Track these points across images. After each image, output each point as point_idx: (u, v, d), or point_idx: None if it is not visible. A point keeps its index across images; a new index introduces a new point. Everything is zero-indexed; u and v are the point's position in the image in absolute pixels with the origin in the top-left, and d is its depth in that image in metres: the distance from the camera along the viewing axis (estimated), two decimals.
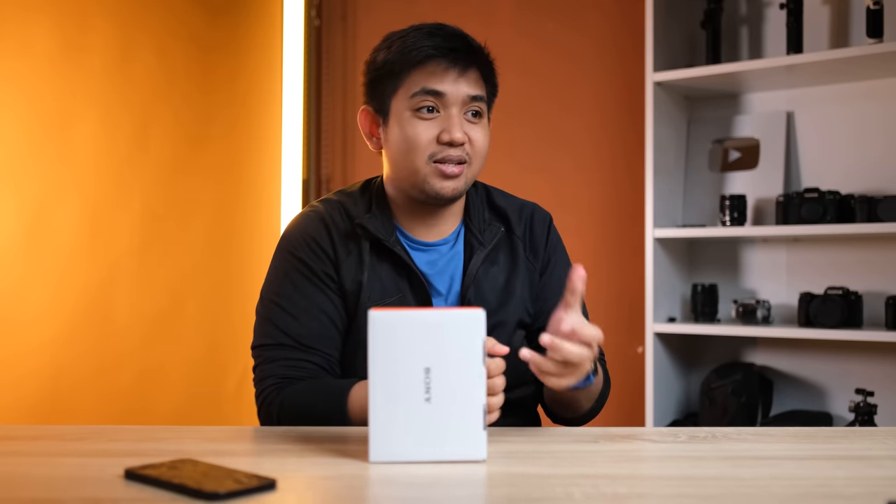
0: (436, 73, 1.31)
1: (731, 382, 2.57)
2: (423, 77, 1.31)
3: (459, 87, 1.31)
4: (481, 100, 1.34)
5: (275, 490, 0.85)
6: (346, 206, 1.38)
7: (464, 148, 1.31)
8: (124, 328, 2.63)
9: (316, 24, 3.42)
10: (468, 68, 1.32)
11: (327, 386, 1.27)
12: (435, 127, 1.31)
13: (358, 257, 1.34)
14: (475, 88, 1.33)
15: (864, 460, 1.00)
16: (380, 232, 1.34)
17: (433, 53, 1.31)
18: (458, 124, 1.30)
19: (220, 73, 2.99)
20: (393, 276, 1.34)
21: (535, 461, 0.99)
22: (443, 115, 1.31)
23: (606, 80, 3.00)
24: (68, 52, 2.47)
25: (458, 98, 1.31)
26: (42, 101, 2.41)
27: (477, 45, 1.36)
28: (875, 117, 2.58)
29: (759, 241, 2.75)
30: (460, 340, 0.96)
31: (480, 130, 1.34)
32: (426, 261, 1.38)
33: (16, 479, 0.91)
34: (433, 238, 1.39)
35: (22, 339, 2.35)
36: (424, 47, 1.31)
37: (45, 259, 2.41)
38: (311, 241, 1.35)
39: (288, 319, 1.32)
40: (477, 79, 1.34)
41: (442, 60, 1.31)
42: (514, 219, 1.44)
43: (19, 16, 2.35)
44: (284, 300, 1.33)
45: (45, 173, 2.42)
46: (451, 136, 1.30)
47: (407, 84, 1.32)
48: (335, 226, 1.36)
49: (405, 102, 1.32)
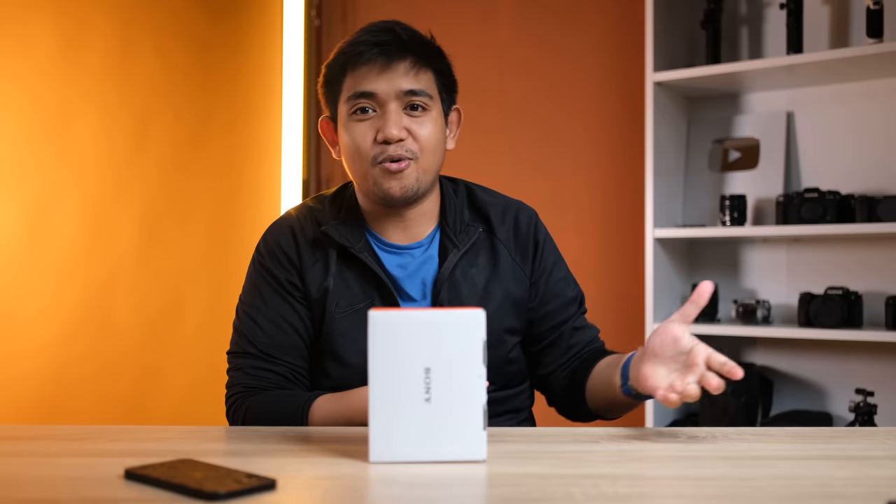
0: (364, 73, 1.29)
1: (731, 382, 2.56)
2: (354, 80, 1.30)
3: (390, 82, 1.29)
4: (421, 93, 1.30)
5: (275, 490, 0.85)
6: (315, 213, 1.38)
7: (403, 144, 1.28)
8: (124, 328, 2.63)
9: (316, 24, 3.42)
10: (395, 60, 1.29)
11: (288, 398, 1.28)
12: (373, 127, 1.30)
13: (324, 264, 1.34)
14: (409, 82, 1.29)
15: (864, 460, 1.00)
16: (345, 239, 1.33)
17: (362, 50, 1.29)
18: (392, 121, 1.28)
19: (219, 72, 2.99)
20: (361, 282, 1.33)
21: (535, 461, 0.98)
22: (379, 113, 1.30)
23: (606, 80, 3.00)
24: (68, 52, 2.47)
25: (390, 93, 1.29)
26: (42, 100, 2.41)
27: (410, 34, 1.32)
28: (875, 117, 2.58)
29: (759, 241, 2.75)
30: (460, 340, 0.96)
31: (425, 123, 1.31)
32: (398, 264, 1.36)
33: (16, 479, 0.91)
34: (407, 241, 1.37)
35: (22, 339, 2.35)
36: (354, 44, 1.31)
37: (45, 259, 2.41)
38: (277, 250, 1.36)
39: (254, 329, 1.34)
40: (410, 69, 1.30)
41: (368, 56, 1.29)
42: (497, 220, 1.40)
43: (19, 16, 2.35)
44: (252, 309, 1.35)
45: (45, 173, 2.42)
46: (384, 133, 1.28)
47: (344, 88, 1.32)
48: (303, 233, 1.36)
49: (345, 107, 1.32)
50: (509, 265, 1.38)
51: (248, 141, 3.11)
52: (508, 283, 1.37)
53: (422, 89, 1.30)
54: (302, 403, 1.25)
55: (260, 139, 3.17)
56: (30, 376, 2.36)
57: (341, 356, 1.31)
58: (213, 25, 2.97)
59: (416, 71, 1.31)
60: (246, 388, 1.32)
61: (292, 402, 1.26)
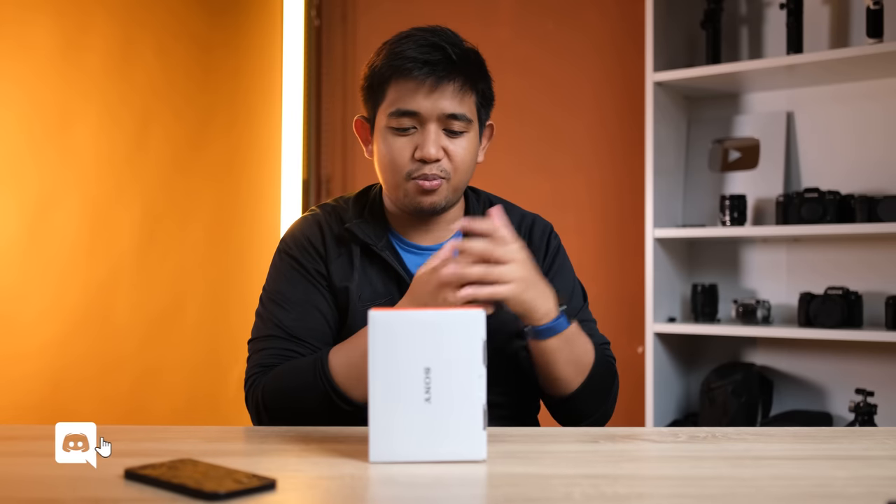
0: (411, 90, 1.29)
1: (731, 382, 2.56)
2: (399, 94, 1.30)
3: (436, 103, 1.29)
4: (461, 118, 1.31)
5: (275, 490, 0.85)
6: (340, 212, 1.41)
7: (439, 164, 1.31)
8: (124, 329, 2.63)
9: (316, 24, 3.42)
10: (444, 82, 1.29)
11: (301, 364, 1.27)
12: (411, 144, 1.31)
13: (348, 260, 1.36)
14: (453, 106, 1.30)
15: (864, 460, 1.00)
16: (368, 237, 1.35)
17: (410, 67, 1.29)
18: (432, 140, 1.29)
19: (220, 72, 2.99)
20: (383, 279, 1.36)
21: (535, 461, 0.99)
22: (419, 130, 1.31)
23: (606, 80, 3.00)
24: (68, 52, 2.47)
25: (433, 114, 1.30)
26: (42, 100, 2.41)
27: (460, 54, 1.31)
28: (875, 117, 2.58)
29: (759, 241, 2.75)
30: (460, 340, 0.96)
31: (461, 144, 1.32)
32: (419, 264, 1.37)
33: (16, 479, 0.91)
34: (429, 242, 1.40)
35: (22, 340, 2.35)
36: (402, 57, 1.30)
37: (45, 259, 2.41)
38: (304, 241, 1.38)
39: (280, 312, 1.34)
40: (456, 92, 1.30)
41: (417, 74, 1.29)
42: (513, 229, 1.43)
43: (19, 16, 2.35)
44: (278, 296, 1.36)
45: (46, 173, 2.42)
46: (424, 153, 1.29)
47: (387, 100, 1.32)
48: (329, 229, 1.38)
49: (385, 119, 1.33)
50: None
51: (248, 141, 3.11)
52: None
53: (463, 114, 1.32)
54: (316, 362, 1.24)
55: (260, 139, 3.17)
56: (30, 378, 2.36)
57: None
58: (213, 25, 2.97)
59: (462, 95, 1.32)
60: (266, 367, 1.31)
61: (307, 366, 1.25)
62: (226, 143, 3.00)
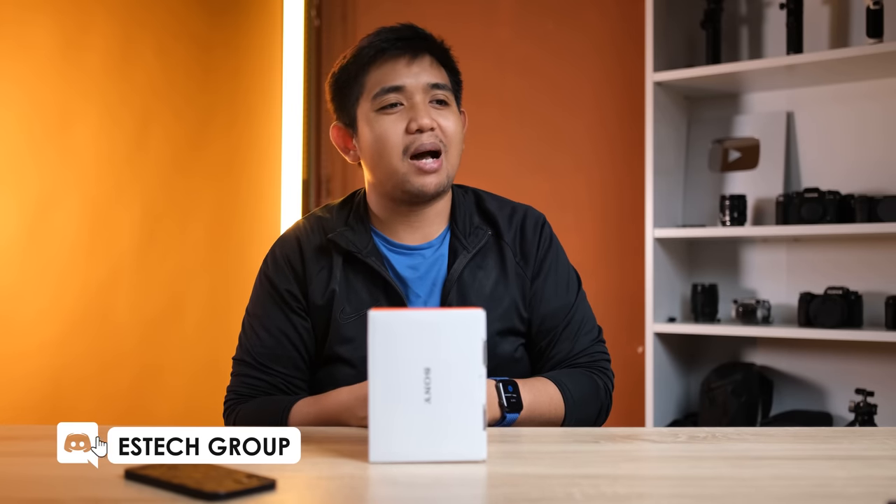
0: (391, 67, 1.32)
1: (731, 382, 2.56)
2: (379, 76, 1.32)
3: (417, 75, 1.32)
4: (444, 87, 1.34)
5: (275, 490, 0.85)
6: (323, 222, 1.40)
7: (435, 133, 1.31)
8: (124, 328, 2.63)
9: (316, 24, 3.42)
10: (419, 54, 1.33)
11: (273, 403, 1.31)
12: (402, 119, 1.31)
13: (329, 271, 1.36)
14: (433, 76, 1.33)
15: (864, 460, 1.00)
16: (352, 245, 1.35)
17: (384, 46, 1.32)
18: (423, 110, 1.31)
19: (220, 72, 2.99)
20: (368, 287, 1.35)
21: (535, 461, 0.99)
22: (407, 105, 1.32)
23: (606, 80, 3.00)
24: (68, 52, 2.47)
25: (418, 86, 1.31)
26: (42, 100, 2.41)
27: (426, 32, 1.36)
28: (875, 117, 2.58)
29: (759, 241, 2.75)
30: (460, 340, 0.96)
31: (449, 117, 1.34)
32: (408, 265, 1.37)
33: (16, 479, 0.91)
34: (417, 241, 1.39)
35: (22, 340, 2.35)
36: (374, 42, 1.33)
37: (45, 259, 2.41)
38: (282, 261, 1.39)
39: (253, 338, 1.38)
40: (432, 65, 1.34)
41: (392, 51, 1.32)
42: (504, 224, 1.41)
43: (19, 16, 2.35)
44: (255, 320, 1.39)
45: (46, 173, 2.42)
46: (419, 122, 1.30)
47: (367, 87, 1.33)
48: (309, 243, 1.38)
49: (369, 105, 1.33)
50: (514, 267, 1.39)
51: (248, 141, 3.11)
52: (514, 286, 1.38)
53: (444, 83, 1.34)
54: (283, 408, 1.29)
55: (260, 139, 3.17)
56: (30, 378, 2.36)
57: (349, 360, 1.33)
58: (213, 25, 2.97)
59: (439, 69, 1.36)
60: (237, 395, 1.37)
61: (275, 407, 1.30)
62: (226, 143, 3.00)
